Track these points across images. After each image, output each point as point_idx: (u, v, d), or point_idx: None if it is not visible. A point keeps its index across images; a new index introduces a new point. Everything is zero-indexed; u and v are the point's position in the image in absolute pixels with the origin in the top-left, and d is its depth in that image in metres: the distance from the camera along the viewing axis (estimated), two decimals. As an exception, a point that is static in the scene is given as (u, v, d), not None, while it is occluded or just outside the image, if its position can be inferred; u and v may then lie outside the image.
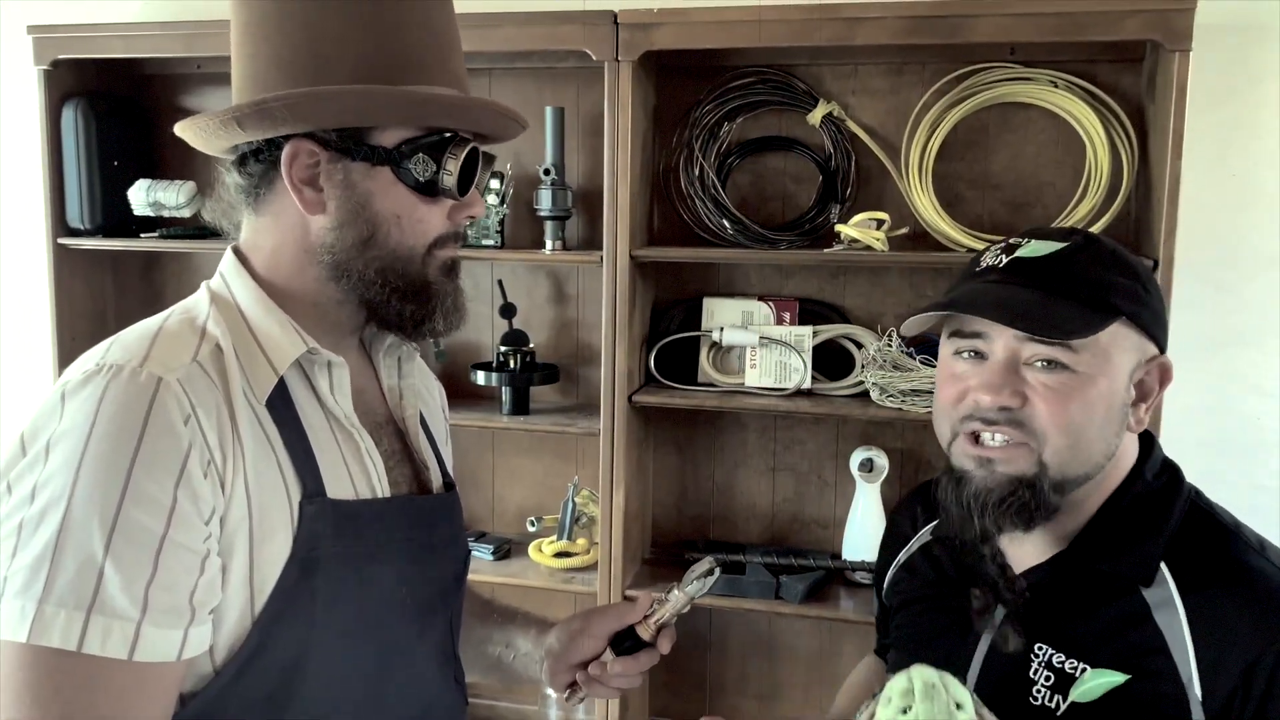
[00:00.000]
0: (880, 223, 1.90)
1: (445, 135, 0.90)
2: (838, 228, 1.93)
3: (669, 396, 2.01)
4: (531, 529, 2.20)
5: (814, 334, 2.02)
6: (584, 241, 2.17)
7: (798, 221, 2.05)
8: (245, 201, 0.93)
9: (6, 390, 2.51)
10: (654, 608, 1.08)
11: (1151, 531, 0.94)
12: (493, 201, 2.09)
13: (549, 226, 2.06)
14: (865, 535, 2.01)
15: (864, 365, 1.98)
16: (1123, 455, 0.97)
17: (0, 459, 0.81)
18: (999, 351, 0.94)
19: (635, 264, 1.96)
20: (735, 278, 2.14)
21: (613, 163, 1.90)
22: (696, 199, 2.04)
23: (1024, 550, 1.00)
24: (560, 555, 2.14)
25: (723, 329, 2.04)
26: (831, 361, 2.06)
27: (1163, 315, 0.98)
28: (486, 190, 2.09)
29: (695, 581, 1.06)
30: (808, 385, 2.00)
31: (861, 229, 1.88)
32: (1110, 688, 0.88)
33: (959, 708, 0.78)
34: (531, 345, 2.16)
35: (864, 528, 2.02)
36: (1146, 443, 1.01)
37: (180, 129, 0.93)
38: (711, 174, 2.03)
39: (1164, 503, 0.96)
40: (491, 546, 2.18)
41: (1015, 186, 1.99)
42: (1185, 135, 1.68)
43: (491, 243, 2.11)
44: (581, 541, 2.17)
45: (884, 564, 1.22)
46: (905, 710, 0.78)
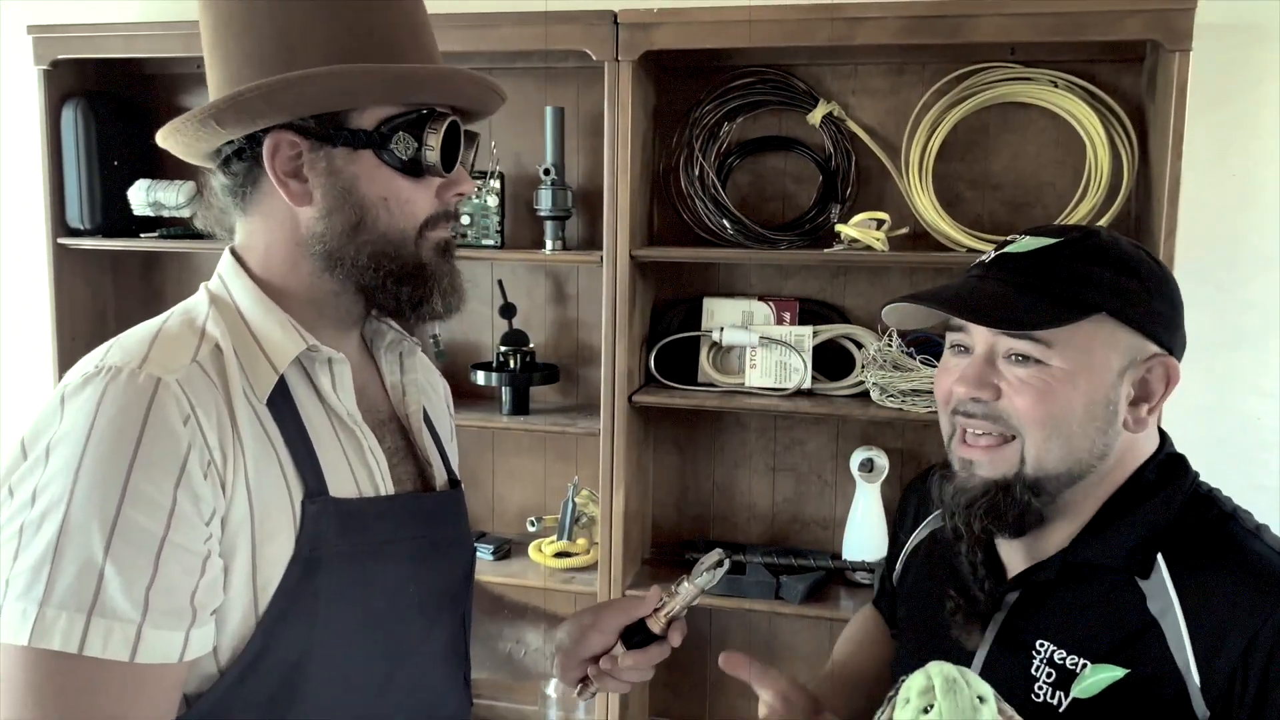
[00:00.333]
0: (880, 223, 1.90)
1: (424, 111, 0.90)
2: (838, 228, 1.93)
3: (669, 396, 2.01)
4: (531, 529, 2.20)
5: (814, 334, 2.02)
6: (584, 241, 2.17)
7: (798, 221, 2.05)
8: (234, 203, 0.93)
9: (6, 390, 2.51)
10: (664, 601, 1.08)
11: (1145, 523, 0.93)
12: (492, 203, 2.09)
13: (549, 226, 2.06)
14: (865, 535, 2.01)
15: (864, 365, 1.97)
16: (1127, 454, 0.96)
17: (1, 462, 0.81)
18: (978, 346, 0.96)
19: (635, 264, 1.96)
20: (735, 278, 2.14)
21: (613, 163, 1.90)
22: (696, 199, 2.04)
23: (1030, 550, 1.00)
24: (560, 555, 2.14)
25: (723, 329, 2.04)
26: (831, 361, 2.06)
27: (1166, 314, 0.95)
28: (487, 191, 2.09)
29: (705, 574, 1.05)
30: (808, 385, 2.00)
31: (861, 229, 1.88)
32: (1110, 683, 0.88)
33: (981, 701, 0.76)
34: (531, 345, 2.16)
35: (864, 528, 2.02)
36: (1162, 440, 1.01)
37: (162, 138, 0.92)
38: (711, 174, 2.03)
39: (1161, 495, 0.95)
40: (491, 546, 2.18)
41: (1015, 186, 1.99)
42: (1185, 135, 1.68)
43: (491, 243, 2.11)
44: (581, 541, 2.17)
45: (896, 546, 1.23)
46: (926, 710, 0.76)
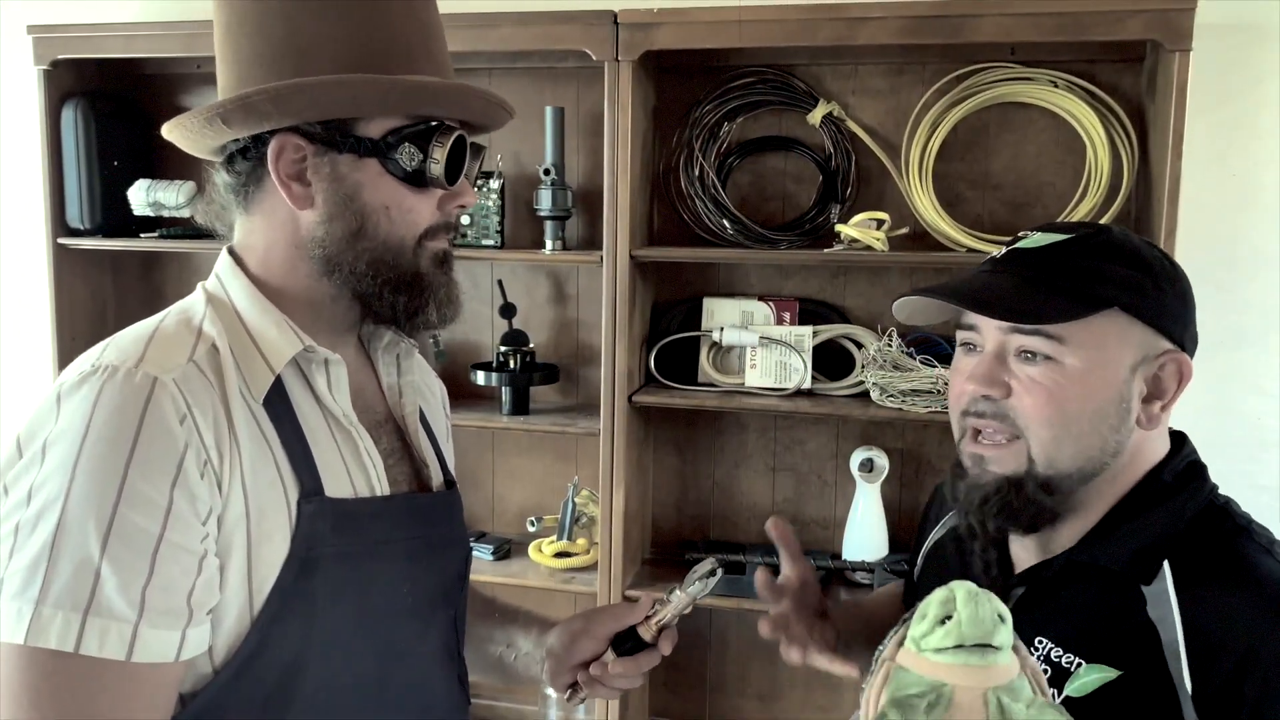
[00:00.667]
0: (880, 223, 1.90)
1: (431, 124, 0.90)
2: (838, 228, 1.93)
3: (669, 396, 2.01)
4: (531, 529, 2.20)
5: (814, 334, 2.02)
6: (584, 241, 2.17)
7: (798, 221, 2.05)
8: (236, 201, 0.93)
9: (6, 390, 2.51)
10: (655, 608, 1.07)
11: (1155, 529, 0.93)
12: (492, 203, 2.09)
13: (549, 226, 2.06)
14: (865, 535, 2.01)
15: (864, 365, 1.97)
16: (1139, 453, 0.96)
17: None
18: (989, 343, 0.95)
19: (635, 264, 1.96)
20: (735, 278, 2.14)
21: (613, 163, 1.90)
22: (696, 199, 2.04)
23: (1040, 547, 1.00)
24: (560, 555, 2.14)
25: (723, 329, 2.04)
26: (831, 361, 2.06)
27: (1179, 310, 0.94)
28: (487, 192, 2.09)
29: (697, 582, 1.05)
30: (808, 385, 2.00)
31: (861, 229, 1.88)
32: (1102, 683, 0.87)
33: (1002, 620, 0.74)
34: (531, 345, 2.16)
35: (864, 528, 2.02)
36: (1180, 443, 0.99)
37: (167, 130, 0.92)
38: (711, 174, 2.03)
39: (1174, 501, 0.94)
40: (491, 546, 2.18)
41: (1015, 186, 1.99)
42: (1185, 135, 1.68)
43: (491, 243, 2.11)
44: (581, 541, 2.17)
45: (920, 538, 1.23)
46: (944, 621, 0.72)
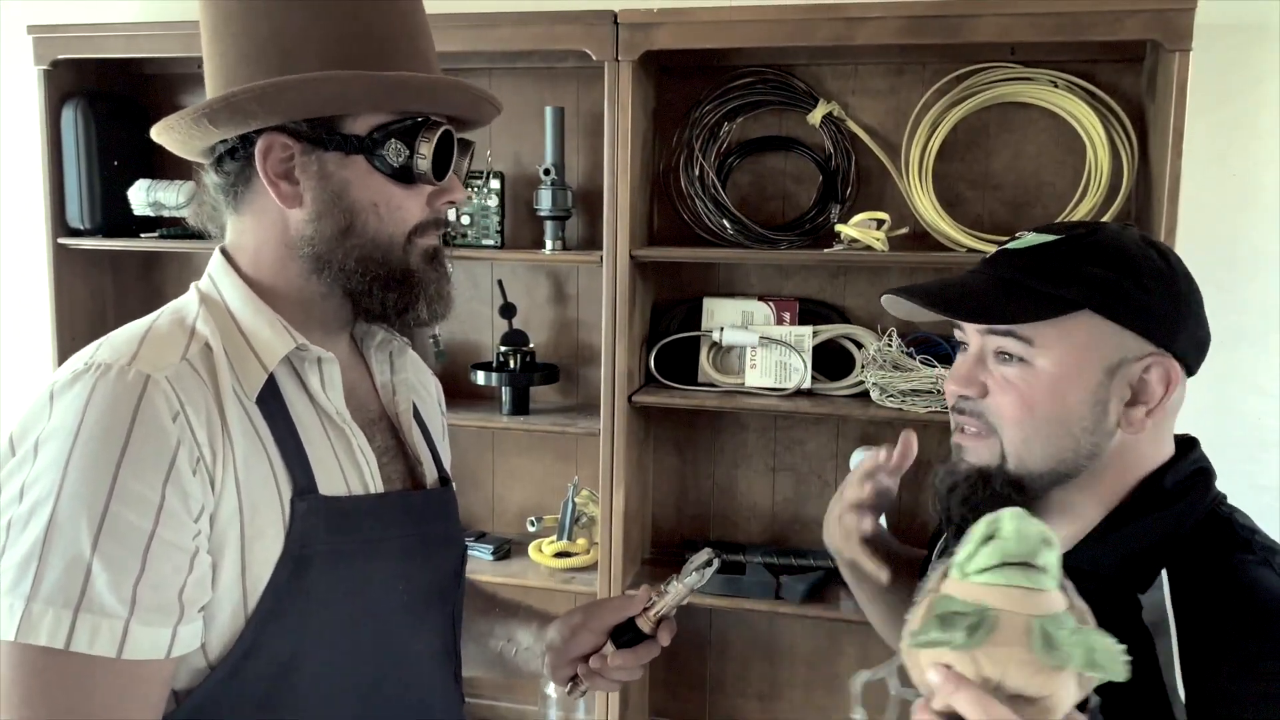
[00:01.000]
0: (880, 223, 1.90)
1: (418, 120, 0.90)
2: (838, 228, 1.93)
3: (669, 396, 2.01)
4: (531, 529, 2.20)
5: (814, 334, 2.02)
6: (584, 241, 2.17)
7: (798, 221, 2.05)
8: (226, 202, 0.93)
9: (7, 390, 2.51)
10: (653, 600, 1.08)
11: (1153, 536, 0.91)
12: (492, 203, 2.09)
13: (549, 226, 2.06)
14: (865, 535, 2.01)
15: (864, 365, 1.97)
16: (1130, 457, 0.94)
17: None
18: (971, 344, 0.96)
19: (635, 264, 1.96)
20: (735, 278, 2.14)
21: (613, 163, 1.90)
22: (696, 199, 2.04)
23: None
24: (560, 555, 2.14)
25: (723, 329, 2.04)
26: (831, 361, 2.06)
27: (1165, 312, 0.92)
28: (487, 192, 2.09)
29: (694, 573, 1.05)
30: (808, 385, 2.00)
31: (861, 229, 1.88)
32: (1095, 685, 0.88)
33: (1048, 543, 0.70)
34: (531, 345, 2.16)
35: (864, 528, 2.02)
36: (1188, 448, 0.98)
37: (156, 133, 0.92)
38: (711, 174, 2.03)
39: (1174, 508, 0.93)
40: (491, 546, 2.18)
41: (1015, 186, 1.99)
42: (1185, 135, 1.68)
43: (491, 243, 2.11)
44: (581, 541, 2.17)
45: (930, 544, 1.23)
46: (988, 539, 0.68)
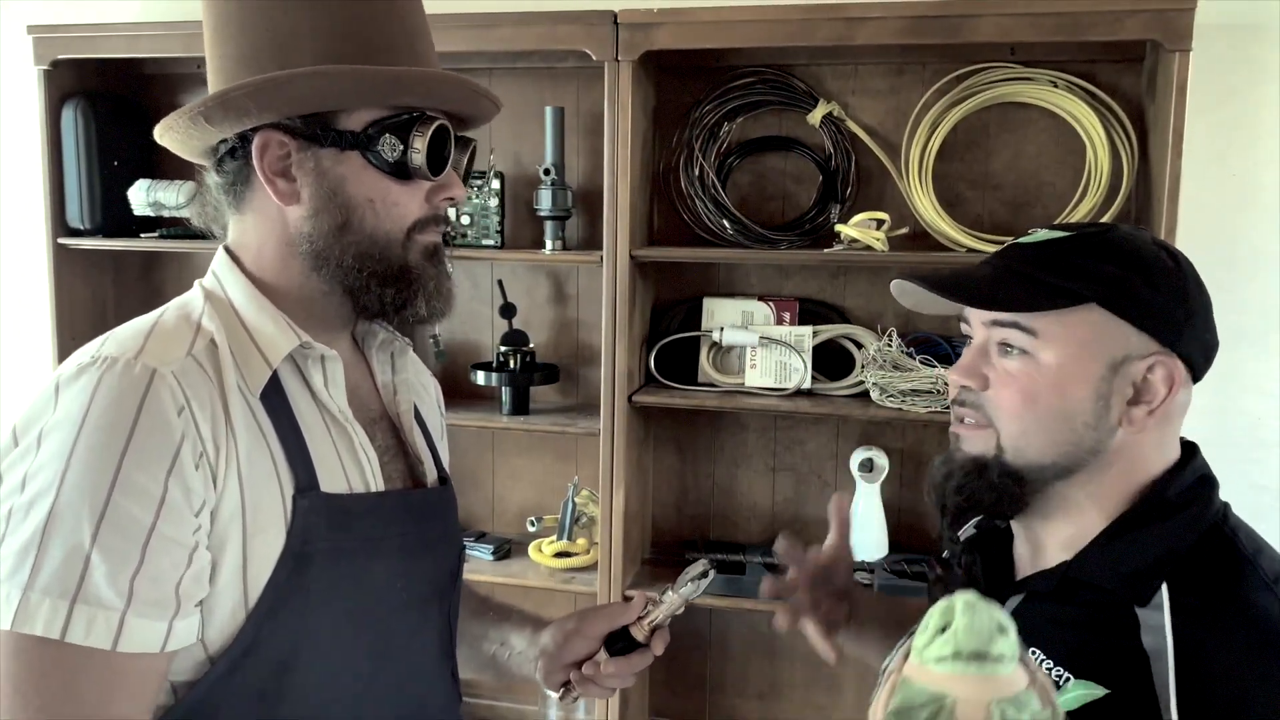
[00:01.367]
0: (880, 223, 1.90)
1: (413, 115, 0.89)
2: (838, 228, 1.93)
3: (669, 396, 2.01)
4: (531, 529, 2.20)
5: (814, 334, 2.02)
6: (584, 241, 2.17)
7: (798, 221, 2.05)
8: (227, 201, 0.94)
9: (7, 390, 2.51)
10: (648, 609, 1.08)
11: (1155, 550, 0.90)
12: (492, 203, 2.09)
13: (549, 226, 2.06)
14: (865, 535, 2.01)
15: (864, 365, 1.97)
16: (1133, 458, 0.93)
17: None
18: (976, 336, 0.96)
19: (635, 264, 1.95)
20: (735, 278, 2.14)
21: (613, 163, 1.90)
22: (696, 199, 2.04)
23: (1034, 552, 0.99)
24: (560, 555, 2.14)
25: (723, 329, 2.04)
26: (831, 361, 2.06)
27: (1172, 312, 0.90)
28: (488, 192, 2.09)
29: (690, 583, 1.06)
30: (808, 385, 2.00)
31: (861, 229, 1.88)
32: (1088, 700, 0.86)
33: (1002, 630, 0.73)
34: (531, 345, 2.16)
35: (864, 528, 2.02)
36: (1190, 454, 0.96)
37: (159, 134, 0.93)
38: (711, 174, 2.03)
39: (1177, 520, 0.91)
40: (491, 546, 2.18)
41: (1015, 186, 1.99)
42: (1185, 135, 1.68)
43: (491, 243, 2.11)
44: (581, 541, 2.17)
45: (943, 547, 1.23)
46: (944, 628, 0.72)
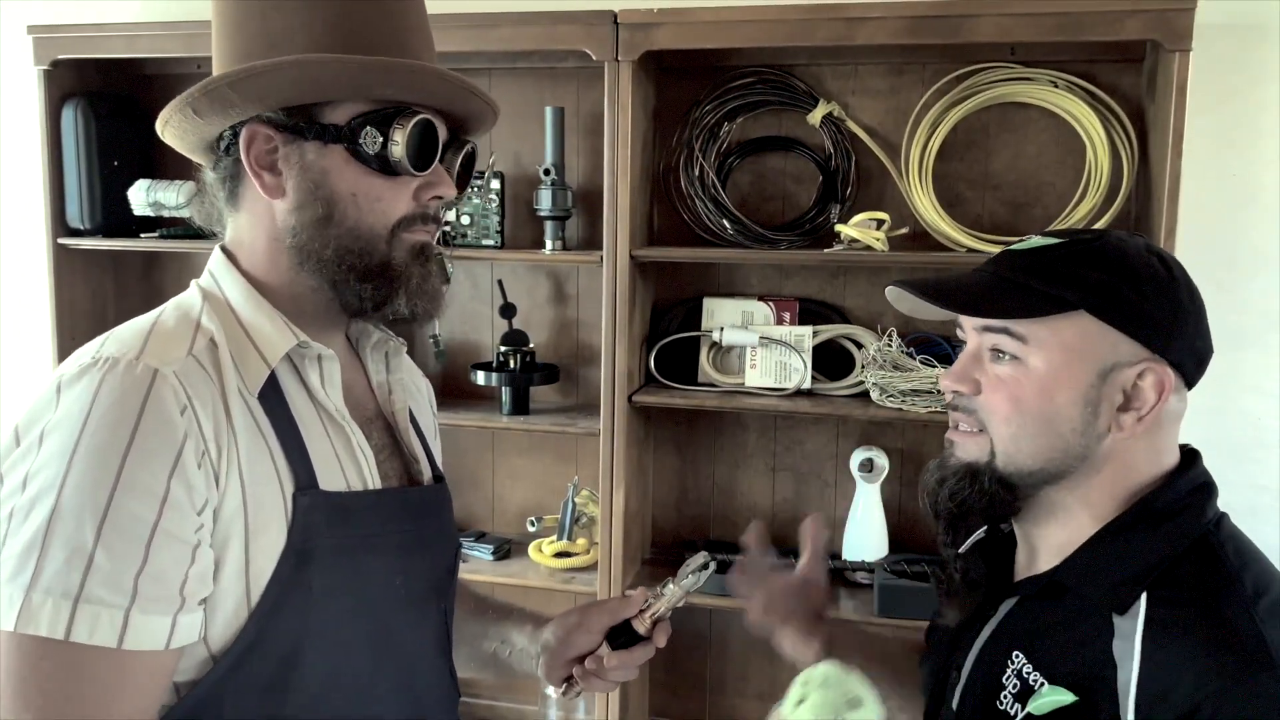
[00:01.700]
0: (880, 223, 1.90)
1: (398, 109, 0.89)
2: (838, 228, 1.93)
3: (669, 396, 2.01)
4: (531, 529, 2.20)
5: (814, 334, 2.02)
6: (584, 241, 2.17)
7: (798, 221, 2.05)
8: (224, 199, 0.94)
9: (7, 390, 2.51)
10: (649, 602, 1.08)
11: (1139, 561, 0.89)
12: (492, 203, 2.09)
13: (549, 226, 2.06)
14: (865, 535, 2.01)
15: (864, 365, 1.98)
16: (1124, 463, 0.92)
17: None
18: (970, 342, 0.97)
19: (635, 264, 1.96)
20: (735, 278, 2.14)
21: (613, 163, 1.90)
22: (696, 199, 2.04)
23: (1029, 554, 1.00)
24: (560, 555, 2.14)
25: (723, 329, 2.04)
26: (831, 361, 2.06)
27: (1162, 319, 0.90)
28: (488, 192, 2.09)
29: (690, 576, 1.06)
30: (808, 385, 2.00)
31: (861, 229, 1.88)
32: (1058, 706, 0.87)
33: (852, 705, 0.78)
34: (531, 345, 2.16)
35: (864, 528, 2.02)
36: (1190, 462, 0.95)
37: (160, 129, 0.93)
38: (711, 174, 2.03)
39: (1165, 530, 0.90)
40: (491, 546, 2.18)
41: (1015, 186, 1.99)
42: (1185, 135, 1.68)
43: (491, 243, 2.11)
44: (581, 541, 2.17)
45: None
46: (802, 701, 0.78)
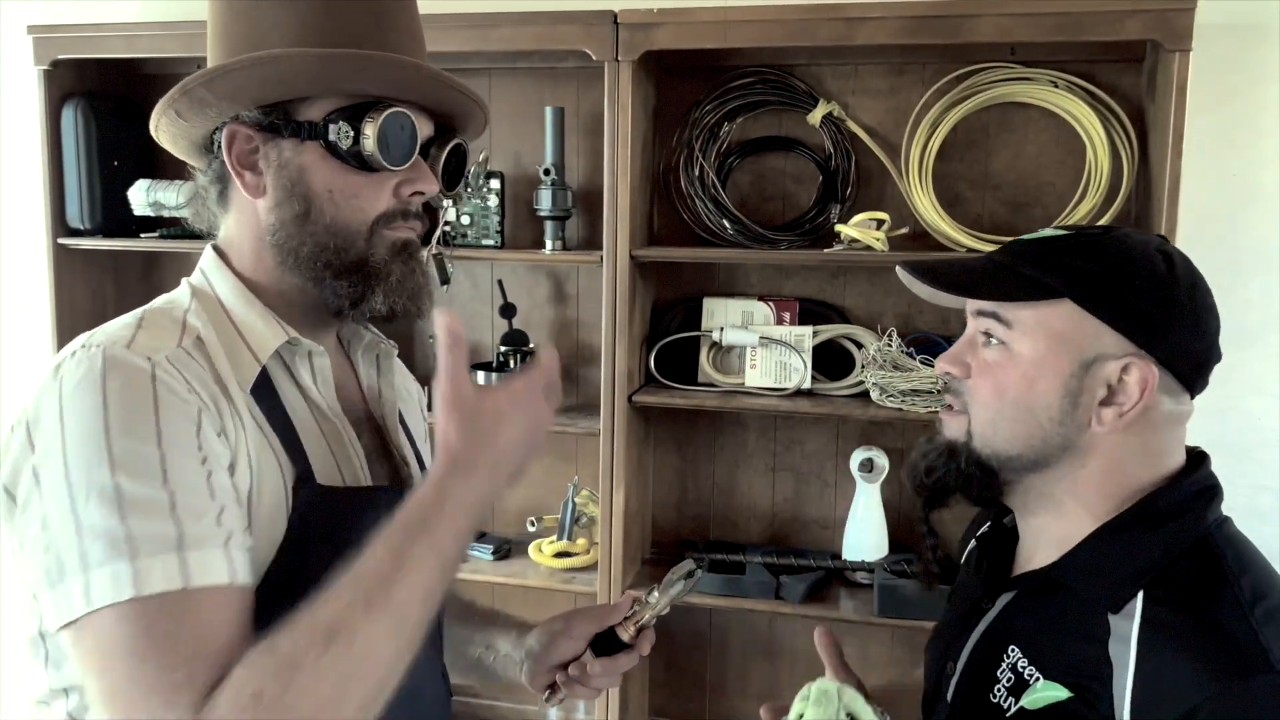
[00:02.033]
0: (880, 223, 1.90)
1: (372, 103, 0.88)
2: (838, 228, 1.93)
3: (669, 396, 2.01)
4: (531, 529, 2.20)
5: (814, 334, 2.02)
6: (584, 241, 2.17)
7: (798, 221, 2.05)
8: (214, 199, 0.94)
9: (7, 390, 2.51)
10: (635, 609, 1.08)
11: (1137, 562, 0.89)
12: (492, 203, 2.09)
13: (549, 226, 2.06)
14: (865, 535, 2.01)
15: (864, 365, 1.97)
16: (1115, 459, 0.92)
17: (6, 454, 0.80)
18: (969, 327, 0.99)
19: (635, 264, 1.95)
20: (735, 278, 2.14)
21: (613, 163, 1.90)
22: (696, 199, 2.04)
23: (1025, 549, 1.00)
24: (560, 555, 2.14)
25: (723, 329, 2.04)
26: (831, 361, 2.06)
27: (1152, 315, 0.89)
28: (488, 193, 2.09)
29: (677, 583, 1.06)
30: (808, 385, 2.00)
31: (861, 229, 1.88)
32: (1052, 702, 0.87)
33: (851, 718, 0.80)
34: (531, 345, 2.16)
35: (864, 528, 2.02)
36: (1196, 464, 0.94)
37: (153, 131, 0.93)
38: (711, 174, 2.03)
39: (1165, 532, 0.90)
40: (491, 546, 2.18)
41: (1015, 186, 1.99)
42: (1185, 135, 1.68)
43: (491, 243, 2.11)
44: (581, 541, 2.17)
45: (964, 542, 1.23)
46: (800, 717, 0.80)
